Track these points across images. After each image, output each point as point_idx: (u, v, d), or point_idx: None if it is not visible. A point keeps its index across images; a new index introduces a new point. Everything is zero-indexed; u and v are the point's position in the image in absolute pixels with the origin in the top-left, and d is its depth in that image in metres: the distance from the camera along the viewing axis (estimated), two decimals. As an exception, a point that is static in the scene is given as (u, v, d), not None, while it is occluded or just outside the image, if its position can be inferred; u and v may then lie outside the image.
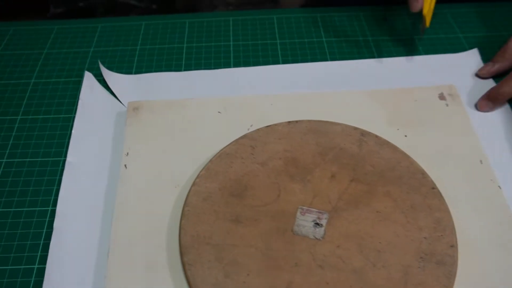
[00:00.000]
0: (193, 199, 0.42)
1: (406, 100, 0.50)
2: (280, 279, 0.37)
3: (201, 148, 0.46)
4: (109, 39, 0.61)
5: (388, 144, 0.45)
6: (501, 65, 0.54)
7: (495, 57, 0.55)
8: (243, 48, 0.59)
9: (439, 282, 0.37)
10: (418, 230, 0.39)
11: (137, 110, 0.50)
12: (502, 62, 0.54)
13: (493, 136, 0.49)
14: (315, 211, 0.41)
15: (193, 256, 0.38)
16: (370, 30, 0.61)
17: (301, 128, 0.46)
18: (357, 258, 0.38)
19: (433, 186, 0.42)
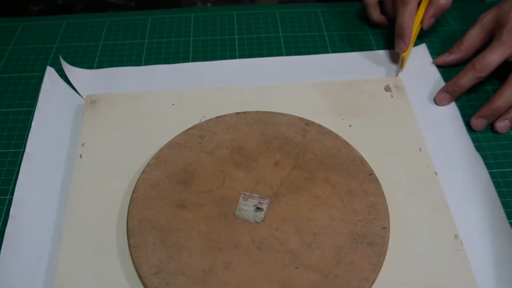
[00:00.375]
0: (141, 186, 0.44)
1: (353, 92, 0.52)
2: (219, 259, 0.39)
3: (154, 139, 0.48)
4: (73, 35, 0.63)
5: (331, 133, 0.47)
6: (456, 56, 0.57)
7: (452, 49, 0.58)
8: (202, 43, 0.61)
9: (369, 261, 0.39)
10: (353, 213, 0.42)
11: (94, 103, 0.52)
12: (457, 54, 0.57)
13: (435, 126, 0.51)
14: (257, 197, 0.43)
15: (139, 239, 0.40)
16: (326, 26, 0.63)
17: (248, 119, 0.48)
18: (294, 240, 0.40)
19: (371, 172, 0.44)
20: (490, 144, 0.50)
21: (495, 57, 0.51)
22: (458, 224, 0.43)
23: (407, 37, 0.55)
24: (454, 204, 0.44)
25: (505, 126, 0.51)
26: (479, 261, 0.41)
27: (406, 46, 0.55)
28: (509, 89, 0.50)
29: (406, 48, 0.55)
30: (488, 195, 0.45)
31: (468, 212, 0.44)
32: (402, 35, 0.55)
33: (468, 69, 0.52)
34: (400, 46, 0.55)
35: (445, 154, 0.48)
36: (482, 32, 0.55)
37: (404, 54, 0.55)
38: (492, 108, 0.50)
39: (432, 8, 0.57)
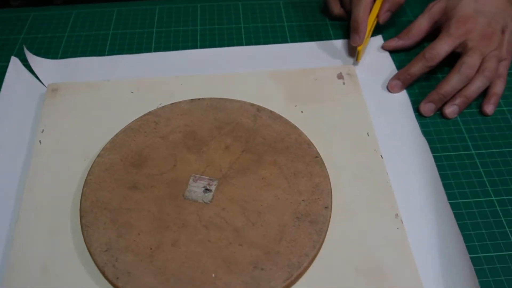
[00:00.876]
0: (96, 169, 0.45)
1: (306, 79, 0.54)
2: (167, 237, 0.41)
3: (112, 125, 0.50)
4: (39, 27, 0.64)
5: (281, 118, 0.49)
6: (404, 41, 0.60)
7: (400, 34, 0.60)
8: (165, 34, 0.62)
9: (310, 238, 0.41)
10: (297, 193, 0.44)
11: (56, 91, 0.53)
12: (404, 39, 0.59)
13: (387, 112, 0.53)
14: (207, 179, 0.44)
15: (91, 219, 0.42)
16: (287, 17, 0.65)
17: (202, 105, 0.50)
18: (239, 219, 0.42)
19: (317, 155, 0.46)
20: (438, 129, 0.52)
21: (444, 47, 0.53)
22: (401, 204, 0.45)
23: (362, 32, 0.57)
24: (398, 186, 0.46)
25: (453, 111, 0.53)
26: (418, 239, 0.43)
27: (361, 40, 0.57)
28: (456, 76, 0.52)
29: (361, 42, 0.57)
30: (431, 177, 0.47)
31: (410, 193, 0.46)
32: (357, 29, 0.57)
33: (419, 58, 0.54)
34: (355, 40, 0.57)
35: (393, 139, 0.50)
36: (430, 20, 0.57)
37: (359, 48, 0.57)
38: (440, 93, 0.52)
39: (387, 3, 0.59)
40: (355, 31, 0.57)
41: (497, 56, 0.53)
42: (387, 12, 0.60)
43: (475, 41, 0.53)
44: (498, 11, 0.54)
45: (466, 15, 0.54)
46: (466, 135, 0.52)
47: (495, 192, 0.47)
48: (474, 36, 0.53)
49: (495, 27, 0.53)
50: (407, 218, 0.44)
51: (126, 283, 0.38)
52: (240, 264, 0.39)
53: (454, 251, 0.41)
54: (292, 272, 0.39)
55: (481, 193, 0.47)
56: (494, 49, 0.53)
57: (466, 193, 0.47)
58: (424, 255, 0.42)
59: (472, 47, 0.53)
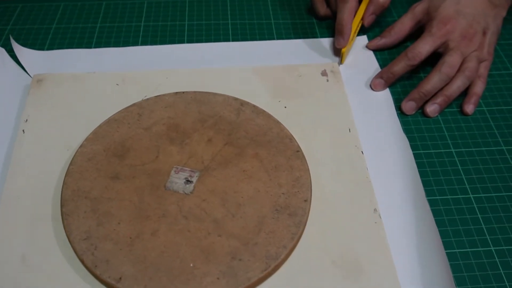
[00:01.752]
0: (78, 159, 0.46)
1: (291, 76, 0.55)
2: (147, 227, 0.41)
3: (96, 116, 0.50)
4: (27, 18, 0.64)
5: (264, 113, 0.50)
6: (387, 40, 0.60)
7: (383, 33, 0.61)
8: (152, 28, 0.63)
9: (289, 230, 0.41)
10: (278, 186, 0.44)
11: (41, 82, 0.53)
12: (387, 38, 0.60)
13: (369, 110, 0.54)
14: (188, 170, 0.45)
15: (71, 207, 0.42)
16: (274, 14, 0.65)
17: (186, 98, 0.51)
18: (219, 210, 0.42)
19: (298, 149, 0.47)
20: (419, 127, 0.53)
21: (426, 47, 0.54)
22: (379, 199, 0.46)
23: (346, 34, 0.58)
24: (378, 181, 0.47)
25: (434, 110, 0.53)
26: (396, 233, 0.43)
27: (345, 42, 0.58)
28: (437, 75, 0.53)
29: (345, 44, 0.58)
30: (410, 174, 0.48)
31: (390, 189, 0.47)
32: (342, 31, 0.58)
33: (401, 57, 0.55)
34: (340, 42, 0.58)
35: (374, 136, 0.51)
36: (413, 20, 0.58)
37: (343, 50, 0.58)
38: (420, 91, 0.53)
39: (372, 6, 0.60)
40: (339, 34, 0.58)
41: (477, 57, 0.54)
42: (372, 15, 0.60)
43: (456, 41, 0.54)
44: (479, 12, 0.55)
45: (448, 16, 0.54)
46: (446, 134, 0.52)
47: (473, 189, 0.47)
48: (455, 36, 0.54)
49: (476, 28, 0.54)
50: (386, 213, 0.45)
51: (104, 271, 0.38)
52: (219, 254, 0.40)
53: (431, 246, 0.42)
54: (269, 263, 0.39)
55: (459, 190, 0.47)
56: (475, 50, 0.54)
57: (445, 190, 0.47)
58: (401, 250, 0.42)
59: (453, 47, 0.54)
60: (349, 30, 0.58)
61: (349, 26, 0.58)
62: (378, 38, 0.61)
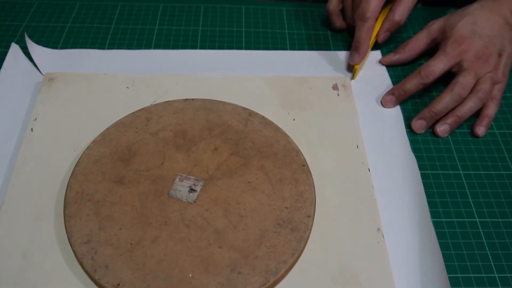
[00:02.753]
0: (84, 160, 0.46)
1: (301, 88, 0.55)
2: (148, 233, 0.41)
3: (105, 118, 0.50)
4: (42, 15, 0.65)
5: (272, 125, 0.49)
6: (401, 56, 0.60)
7: (397, 49, 0.61)
8: (166, 32, 0.63)
9: (290, 245, 0.41)
10: (281, 200, 0.44)
11: (52, 80, 0.54)
12: (401, 54, 0.60)
13: (379, 127, 0.53)
14: (193, 179, 0.45)
15: (74, 209, 0.42)
16: (288, 24, 0.65)
17: (195, 105, 0.51)
18: (221, 220, 0.42)
19: (304, 163, 0.46)
20: (428, 147, 0.52)
21: (440, 66, 0.54)
22: (384, 219, 0.45)
23: (362, 52, 0.58)
24: (383, 200, 0.46)
25: (444, 130, 0.53)
26: (399, 254, 0.43)
27: (360, 59, 0.58)
28: (449, 95, 0.52)
29: (360, 61, 0.58)
30: (416, 194, 0.47)
31: (395, 209, 0.46)
32: (358, 49, 0.58)
33: (414, 75, 0.55)
34: (355, 58, 0.58)
35: (382, 153, 0.51)
36: (428, 37, 0.58)
37: (357, 66, 0.58)
38: (432, 111, 0.52)
39: (387, 23, 0.59)
40: (356, 50, 0.58)
41: (492, 78, 0.54)
42: (386, 32, 0.60)
43: (470, 61, 0.53)
44: (496, 34, 0.54)
45: (463, 36, 0.54)
46: (455, 155, 0.52)
47: (479, 214, 0.47)
48: (469, 56, 0.53)
49: (491, 49, 0.54)
50: (389, 233, 0.44)
51: (103, 276, 0.38)
52: (218, 265, 0.39)
53: (434, 270, 0.42)
54: (269, 278, 0.39)
55: (465, 213, 0.47)
56: (489, 71, 0.54)
57: (450, 212, 0.47)
58: (403, 271, 0.42)
59: (467, 67, 0.53)
60: (366, 48, 0.58)
61: (366, 44, 0.57)
62: (392, 54, 0.60)
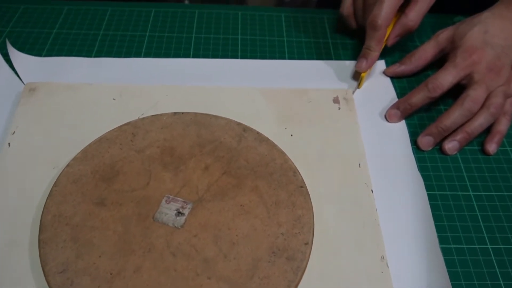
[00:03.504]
0: (63, 180, 0.42)
1: (300, 101, 0.51)
2: (130, 263, 0.37)
3: (88, 133, 0.47)
4: (27, 21, 0.61)
5: (268, 141, 0.46)
6: (406, 67, 0.56)
7: (403, 60, 0.57)
8: (157, 40, 0.59)
9: (285, 276, 0.37)
10: (277, 225, 0.40)
11: (33, 91, 0.50)
12: (407, 65, 0.56)
13: (382, 143, 0.49)
14: (180, 201, 0.41)
15: (50, 234, 0.39)
16: (287, 32, 0.62)
17: (185, 120, 0.47)
18: (211, 248, 0.39)
19: (302, 184, 0.43)
20: (435, 165, 0.49)
21: (448, 79, 0.50)
22: (388, 245, 0.41)
23: (372, 59, 0.54)
24: (387, 225, 0.43)
25: (453, 147, 0.49)
26: (404, 285, 0.39)
27: (368, 67, 0.54)
28: (458, 110, 0.49)
29: (366, 69, 0.54)
30: (423, 218, 0.43)
31: (400, 234, 0.43)
32: (367, 56, 0.54)
33: (421, 88, 0.51)
34: (362, 65, 0.54)
35: (386, 173, 0.47)
36: (436, 47, 0.54)
37: (363, 75, 0.55)
38: (439, 126, 0.49)
39: (399, 27, 0.55)
40: (364, 57, 0.54)
41: (504, 92, 0.50)
42: (397, 37, 0.56)
43: (481, 73, 0.50)
44: (509, 44, 0.51)
45: (474, 46, 0.50)
46: (465, 174, 0.48)
47: (491, 239, 0.43)
48: (481, 68, 0.50)
49: (504, 61, 0.50)
50: (394, 261, 0.41)
51: (78, 312, 0.35)
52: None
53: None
54: (261, 313, 0.35)
55: (476, 239, 0.43)
56: (501, 84, 0.50)
57: (460, 238, 0.43)
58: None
59: (478, 80, 0.50)
60: (375, 57, 0.54)
61: (377, 53, 0.54)
62: (397, 65, 0.56)
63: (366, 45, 0.54)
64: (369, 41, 0.54)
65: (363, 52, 0.55)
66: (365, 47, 0.55)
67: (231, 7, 0.65)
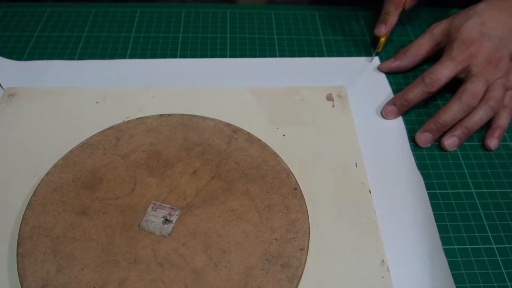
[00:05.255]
0: (42, 189, 0.40)
1: (292, 99, 0.49)
2: (114, 275, 0.35)
3: (70, 139, 0.45)
4: (7, 24, 0.59)
5: (259, 142, 0.44)
6: (401, 62, 0.55)
7: (397, 55, 0.55)
8: (143, 40, 0.57)
9: (280, 285, 0.35)
10: (270, 231, 0.38)
11: (12, 96, 0.48)
12: (402, 60, 0.55)
13: (379, 141, 0.47)
14: (168, 207, 0.39)
15: (29, 247, 0.36)
16: (277, 29, 0.60)
17: (171, 122, 0.45)
18: (200, 257, 0.36)
19: (296, 187, 0.41)
20: (435, 162, 0.47)
21: (445, 73, 0.48)
22: (388, 249, 0.39)
23: (391, 24, 0.55)
24: (386, 227, 0.41)
25: (453, 143, 0.47)
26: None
27: (386, 32, 0.56)
28: (456, 104, 0.47)
29: (385, 33, 0.56)
30: (424, 218, 0.41)
31: (400, 236, 0.40)
32: (386, 21, 0.56)
33: (417, 83, 0.49)
34: (381, 30, 0.56)
35: (384, 172, 0.45)
36: (431, 41, 0.52)
37: (382, 39, 0.56)
38: (438, 122, 0.47)
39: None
40: (383, 22, 0.56)
41: (503, 85, 0.48)
42: (414, 1, 0.57)
43: (480, 66, 0.48)
44: (507, 35, 0.49)
45: (471, 38, 0.48)
46: (466, 171, 0.46)
47: (496, 239, 0.41)
48: (478, 61, 0.48)
49: (503, 52, 0.48)
50: (395, 265, 0.38)
51: (58, 330, 0.32)
52: (196, 312, 0.33)
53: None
54: (255, 325, 0.33)
55: (480, 239, 0.41)
56: (500, 77, 0.48)
57: (463, 238, 0.41)
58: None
59: (476, 73, 0.48)
60: (393, 21, 0.55)
61: (395, 17, 0.55)
62: (391, 60, 0.54)
63: (385, 10, 0.56)
64: (387, 6, 0.55)
65: (382, 17, 0.56)
66: (383, 12, 0.56)
67: (219, 5, 0.63)
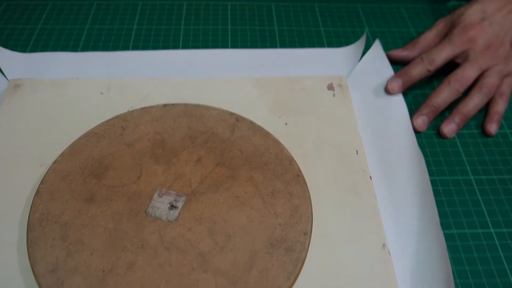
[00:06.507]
0: (50, 177, 0.40)
1: (293, 89, 0.50)
2: (122, 259, 0.36)
3: (76, 128, 0.45)
4: (11, 17, 0.59)
5: (262, 131, 0.44)
6: (409, 53, 0.56)
7: (407, 46, 0.56)
8: (145, 32, 0.58)
9: (284, 268, 0.36)
10: (274, 216, 0.39)
11: (18, 87, 0.49)
12: (411, 51, 0.56)
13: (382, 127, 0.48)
14: (173, 194, 0.40)
15: (38, 234, 0.37)
16: (278, 21, 0.60)
17: (176, 111, 0.45)
18: (206, 241, 0.37)
19: (298, 173, 0.41)
20: (434, 150, 0.48)
21: (442, 54, 0.50)
22: (389, 233, 0.40)
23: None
24: (387, 212, 0.42)
25: (451, 129, 0.48)
26: (407, 274, 0.38)
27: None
28: (446, 88, 0.48)
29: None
30: (425, 204, 0.42)
31: (401, 221, 0.41)
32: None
33: (418, 61, 0.51)
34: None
35: (384, 159, 0.46)
36: (437, 35, 0.54)
37: None
38: (430, 105, 0.48)
39: None
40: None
41: (500, 72, 0.49)
42: None
43: (477, 52, 0.49)
44: (508, 22, 0.50)
45: (472, 23, 0.49)
46: (464, 158, 0.47)
47: (494, 223, 0.42)
48: (477, 46, 0.49)
49: (503, 38, 0.49)
50: (396, 249, 0.39)
51: (69, 312, 0.33)
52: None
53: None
54: (261, 307, 0.34)
55: (479, 224, 0.42)
56: (498, 63, 0.49)
57: (462, 223, 0.42)
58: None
59: (471, 59, 0.49)
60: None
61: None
62: (400, 50, 0.56)
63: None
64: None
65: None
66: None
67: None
